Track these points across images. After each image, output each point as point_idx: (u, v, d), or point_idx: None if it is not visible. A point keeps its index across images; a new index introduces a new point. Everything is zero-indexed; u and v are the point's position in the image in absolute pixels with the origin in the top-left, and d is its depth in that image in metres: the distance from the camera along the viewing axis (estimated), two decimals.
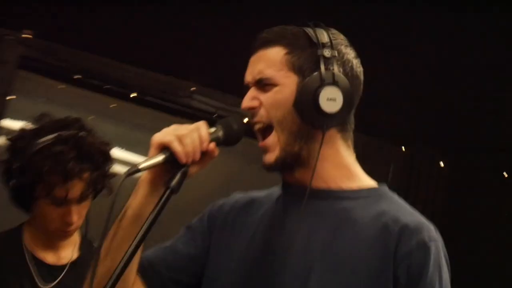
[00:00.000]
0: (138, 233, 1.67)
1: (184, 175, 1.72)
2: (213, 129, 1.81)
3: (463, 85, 4.96)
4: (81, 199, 2.62)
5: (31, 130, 2.63)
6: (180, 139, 1.72)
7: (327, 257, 1.75)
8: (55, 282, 2.68)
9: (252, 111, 1.85)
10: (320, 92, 1.80)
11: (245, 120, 1.84)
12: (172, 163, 1.72)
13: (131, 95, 4.49)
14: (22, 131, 2.65)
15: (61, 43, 4.33)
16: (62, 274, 2.69)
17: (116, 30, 4.44)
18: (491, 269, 4.69)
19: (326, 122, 1.81)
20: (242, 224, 1.91)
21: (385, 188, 1.90)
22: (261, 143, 1.85)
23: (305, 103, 1.80)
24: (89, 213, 2.67)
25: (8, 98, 4.20)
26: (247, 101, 1.85)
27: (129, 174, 1.66)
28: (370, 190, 1.87)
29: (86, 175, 2.60)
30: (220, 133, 1.81)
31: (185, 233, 1.96)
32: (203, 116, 4.52)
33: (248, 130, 1.87)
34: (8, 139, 2.66)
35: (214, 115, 4.50)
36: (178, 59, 4.51)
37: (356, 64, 1.91)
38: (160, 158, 1.71)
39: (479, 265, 4.74)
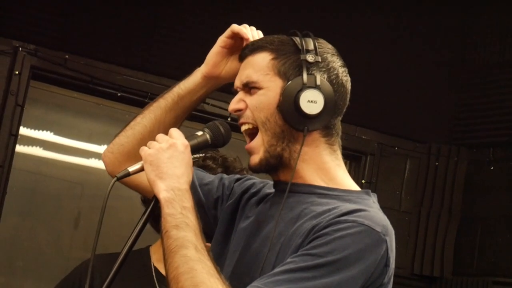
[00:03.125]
0: (130, 235, 1.87)
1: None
2: (200, 132, 1.94)
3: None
4: None
5: None
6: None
7: (276, 247, 1.82)
8: None
9: (238, 113, 1.93)
10: (301, 94, 1.86)
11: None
12: None
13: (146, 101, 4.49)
14: None
15: (72, 53, 4.37)
16: None
17: (126, 38, 4.50)
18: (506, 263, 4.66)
19: (307, 123, 1.86)
20: (247, 207, 2.03)
21: (362, 194, 1.90)
22: (247, 146, 1.93)
23: (287, 105, 1.87)
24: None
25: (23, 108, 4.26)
26: (234, 104, 1.93)
27: (119, 178, 1.86)
28: (344, 191, 1.89)
29: None
30: (208, 136, 1.93)
31: (217, 181, 2.14)
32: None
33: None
34: None
35: (228, 119, 4.51)
36: (189, 65, 4.53)
37: (342, 72, 1.95)
38: (140, 165, 1.89)
39: (494, 261, 4.73)
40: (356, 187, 1.94)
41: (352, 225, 1.75)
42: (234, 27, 2.04)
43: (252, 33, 2.02)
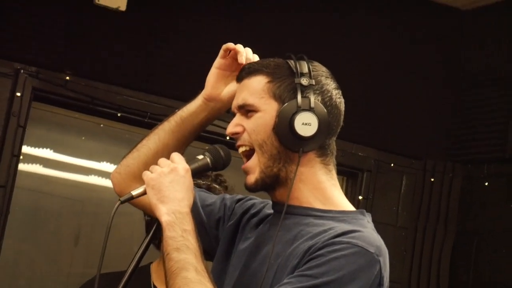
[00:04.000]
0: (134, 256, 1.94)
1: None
2: (201, 156, 2.00)
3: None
4: None
5: None
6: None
7: (274, 267, 1.87)
8: None
9: (236, 136, 1.97)
10: (295, 117, 1.91)
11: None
12: None
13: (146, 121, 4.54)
14: None
15: (72, 74, 4.42)
16: None
17: (126, 59, 4.55)
18: (502, 278, 4.69)
19: (302, 145, 1.92)
20: (247, 228, 2.07)
21: (357, 214, 1.95)
22: (243, 166, 1.98)
23: (283, 128, 1.92)
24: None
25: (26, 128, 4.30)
26: (232, 127, 1.98)
27: (123, 201, 1.93)
28: (339, 212, 1.94)
29: None
30: (208, 160, 1.99)
31: (219, 201, 2.19)
32: (218, 140, 4.60)
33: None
34: None
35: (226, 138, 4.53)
36: (189, 85, 4.55)
37: (336, 94, 2.00)
38: (143, 188, 1.95)
39: (489, 276, 4.76)
40: (351, 207, 1.98)
41: (346, 246, 1.79)
42: (227, 44, 2.09)
43: (247, 55, 2.07)
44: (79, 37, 4.45)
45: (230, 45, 2.09)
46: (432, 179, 5.04)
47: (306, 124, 1.91)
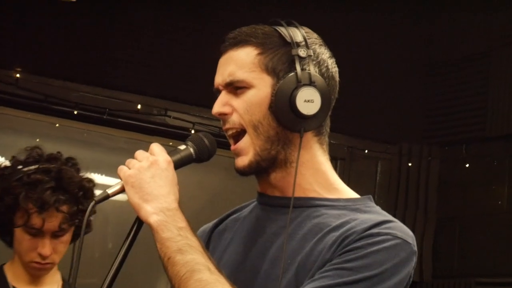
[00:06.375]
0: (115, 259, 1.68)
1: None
2: (183, 147, 1.76)
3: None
4: (57, 232, 2.61)
5: (19, 160, 2.66)
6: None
7: (292, 266, 1.67)
8: None
9: (223, 117, 1.76)
10: (297, 93, 1.70)
11: None
12: None
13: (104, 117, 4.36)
14: (12, 160, 2.67)
15: (24, 71, 4.22)
16: None
17: (80, 53, 4.33)
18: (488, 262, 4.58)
19: (304, 125, 1.71)
20: (219, 239, 1.87)
21: (366, 201, 1.78)
22: (233, 147, 1.75)
23: (282, 106, 1.70)
24: (73, 258, 2.57)
25: None
26: (219, 107, 1.75)
27: (98, 201, 1.68)
28: (347, 200, 1.75)
29: (64, 208, 2.59)
30: (192, 150, 1.75)
31: None
32: (180, 133, 4.44)
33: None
34: None
35: (191, 131, 4.37)
36: (148, 77, 4.42)
37: (331, 64, 1.81)
38: (120, 185, 1.70)
39: (475, 261, 4.65)
40: (354, 193, 1.79)
41: (386, 238, 1.63)
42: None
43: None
44: (29, 31, 4.23)
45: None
46: (409, 164, 4.91)
47: (308, 101, 1.70)
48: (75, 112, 4.32)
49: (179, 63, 4.42)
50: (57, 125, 4.70)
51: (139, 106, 4.41)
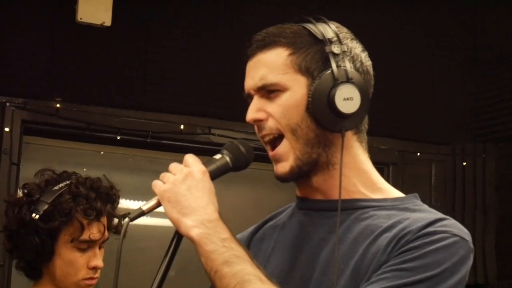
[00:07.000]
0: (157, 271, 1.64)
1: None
2: (219, 156, 1.71)
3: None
4: (103, 241, 2.59)
5: (36, 184, 2.58)
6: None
7: (346, 271, 1.63)
8: None
9: (259, 123, 1.71)
10: (335, 92, 1.65)
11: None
12: None
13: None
14: (29, 187, 2.58)
15: (63, 101, 4.18)
16: None
17: (118, 78, 4.30)
18: None
19: (345, 124, 1.67)
20: (259, 247, 1.82)
21: (412, 199, 1.74)
22: (271, 153, 1.71)
23: (320, 106, 1.66)
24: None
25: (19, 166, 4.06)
26: (253, 113, 1.71)
27: (133, 218, 1.64)
28: (394, 200, 1.72)
29: (113, 214, 2.62)
30: (228, 158, 1.70)
31: None
32: None
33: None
34: (16, 199, 2.60)
35: None
36: (187, 97, 4.35)
37: (365, 58, 1.76)
38: (155, 200, 1.66)
39: None
40: (398, 192, 1.77)
41: (444, 236, 1.60)
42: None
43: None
44: (66, 60, 4.20)
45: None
46: (464, 163, 4.77)
47: (348, 99, 1.65)
48: (118, 138, 4.26)
49: (218, 80, 4.36)
50: (102, 152, 4.66)
51: (182, 127, 4.35)
